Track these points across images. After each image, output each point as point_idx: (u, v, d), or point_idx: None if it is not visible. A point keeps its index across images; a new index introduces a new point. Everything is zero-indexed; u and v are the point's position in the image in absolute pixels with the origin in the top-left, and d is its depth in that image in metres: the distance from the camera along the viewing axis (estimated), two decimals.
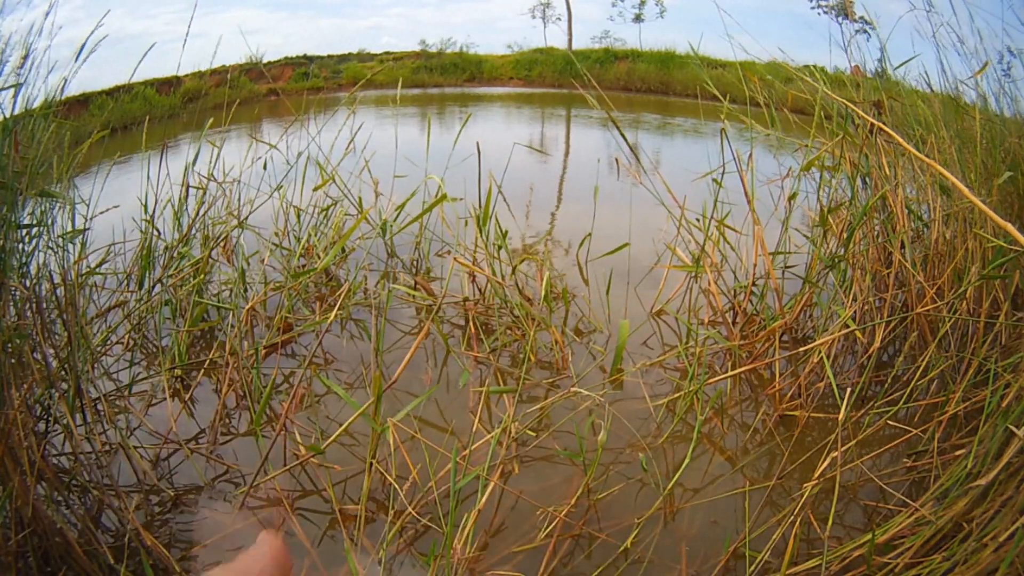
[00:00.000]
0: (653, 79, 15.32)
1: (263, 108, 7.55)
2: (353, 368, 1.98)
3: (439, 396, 1.82)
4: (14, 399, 1.07)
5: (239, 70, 4.17)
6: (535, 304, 2.14)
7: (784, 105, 2.33)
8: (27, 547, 1.02)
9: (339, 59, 17.68)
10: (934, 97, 2.22)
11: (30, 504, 1.00)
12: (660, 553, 1.24)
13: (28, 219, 1.74)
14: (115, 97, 7.06)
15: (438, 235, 2.77)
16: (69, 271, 1.68)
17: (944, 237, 1.93)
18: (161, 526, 1.31)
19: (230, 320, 1.90)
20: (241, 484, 1.40)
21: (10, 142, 1.40)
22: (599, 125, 8.56)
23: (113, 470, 1.39)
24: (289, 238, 2.71)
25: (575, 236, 3.14)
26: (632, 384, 1.85)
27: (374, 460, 1.28)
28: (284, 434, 1.53)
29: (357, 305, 2.36)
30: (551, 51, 18.62)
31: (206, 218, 2.33)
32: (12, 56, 1.60)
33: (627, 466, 1.50)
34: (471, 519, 1.14)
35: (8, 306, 1.33)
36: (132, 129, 4.03)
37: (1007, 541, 0.95)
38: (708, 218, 2.26)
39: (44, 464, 1.12)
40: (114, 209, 2.13)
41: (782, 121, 2.25)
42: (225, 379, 1.73)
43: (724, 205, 2.24)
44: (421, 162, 2.57)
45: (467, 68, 17.79)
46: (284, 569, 0.21)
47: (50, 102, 1.80)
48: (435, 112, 9.81)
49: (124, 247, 2.35)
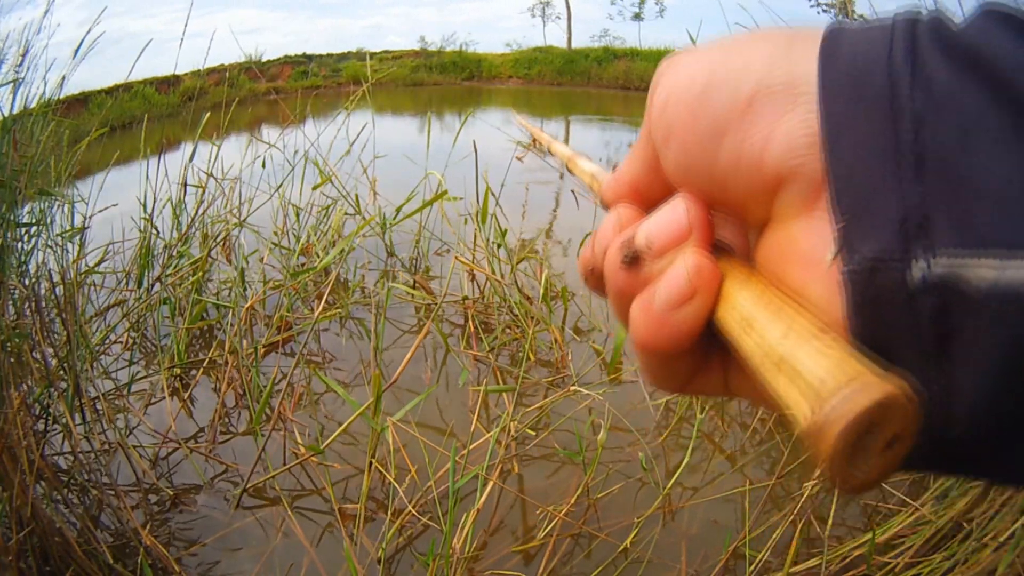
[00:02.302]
0: (652, 78, 15.33)
1: (262, 107, 7.55)
2: (352, 367, 1.98)
3: (438, 395, 1.82)
4: (13, 398, 1.07)
5: (238, 69, 4.16)
6: (534, 303, 2.14)
7: None
8: (26, 546, 1.02)
9: (338, 58, 17.69)
10: None
11: (29, 503, 1.00)
12: (660, 552, 1.24)
13: (27, 218, 1.74)
14: (114, 96, 7.05)
15: (437, 234, 2.77)
16: (68, 270, 1.68)
17: None
18: (160, 525, 1.30)
19: (229, 319, 1.90)
20: (240, 483, 1.40)
21: (9, 140, 1.40)
22: (598, 124, 8.56)
23: (112, 469, 1.39)
24: (288, 237, 2.70)
25: (575, 235, 3.14)
26: (632, 383, 1.85)
27: (373, 459, 1.28)
28: (284, 433, 1.53)
29: (356, 304, 2.36)
30: (550, 50, 18.62)
31: (205, 217, 2.32)
32: (10, 54, 1.60)
33: (627, 465, 1.50)
34: (470, 518, 1.14)
35: (7, 305, 1.33)
36: (132, 128, 4.03)
37: (1007, 541, 0.95)
38: None
39: (43, 463, 1.12)
40: (113, 207, 2.13)
41: None
42: (224, 378, 1.73)
43: None
44: (421, 160, 2.56)
45: (466, 67, 17.79)
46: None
47: (49, 101, 1.80)
48: (435, 112, 9.81)
49: (123, 246, 2.34)
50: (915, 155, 0.13)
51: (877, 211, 0.14)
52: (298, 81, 14.97)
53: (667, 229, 0.18)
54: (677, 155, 0.18)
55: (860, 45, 0.15)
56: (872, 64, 0.15)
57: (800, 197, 0.16)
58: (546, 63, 17.18)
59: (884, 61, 0.15)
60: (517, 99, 13.91)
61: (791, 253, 0.16)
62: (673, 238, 0.18)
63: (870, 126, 0.14)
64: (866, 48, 0.15)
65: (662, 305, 0.17)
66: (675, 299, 0.17)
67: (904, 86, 0.14)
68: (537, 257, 2.59)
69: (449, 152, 2.41)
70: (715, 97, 0.17)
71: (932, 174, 0.13)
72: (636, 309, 0.18)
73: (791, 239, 0.16)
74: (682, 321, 0.17)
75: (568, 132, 8.25)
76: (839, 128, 0.15)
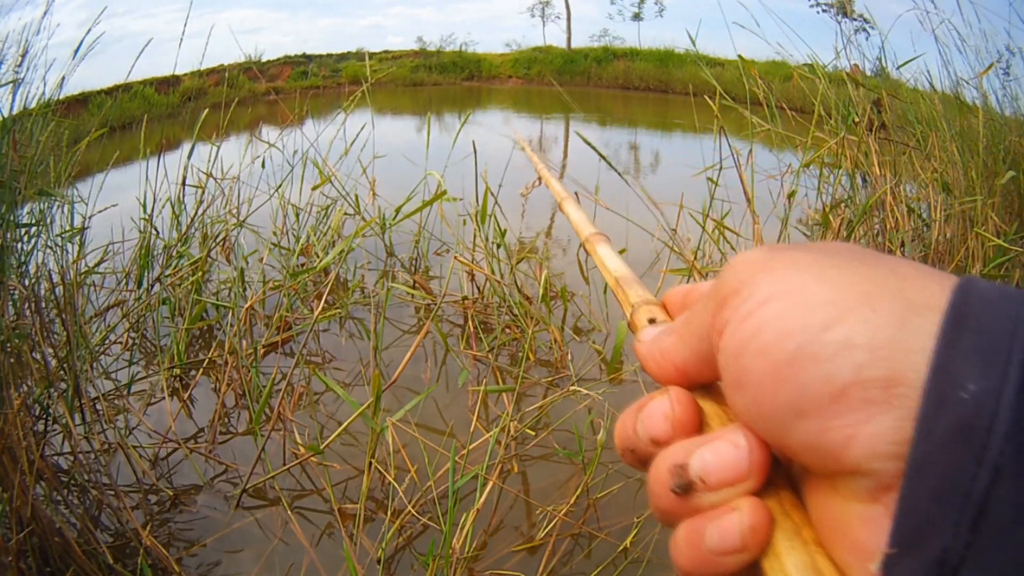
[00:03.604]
0: (652, 77, 15.32)
1: (262, 107, 7.55)
2: (352, 367, 1.98)
3: (438, 395, 1.82)
4: (13, 399, 1.07)
5: (238, 69, 4.16)
6: (534, 303, 2.14)
7: (783, 102, 2.33)
8: (26, 547, 1.02)
9: (338, 58, 17.68)
10: (934, 95, 2.21)
11: (29, 504, 1.00)
12: (660, 552, 1.24)
13: (27, 218, 1.74)
14: (114, 96, 7.04)
15: (436, 234, 2.77)
16: (68, 270, 1.68)
17: (944, 236, 1.93)
18: (160, 525, 1.30)
19: (229, 319, 1.90)
20: (240, 483, 1.40)
21: (8, 141, 1.40)
22: (597, 123, 8.56)
23: (112, 469, 1.39)
24: (288, 237, 2.70)
25: (575, 235, 3.13)
26: (631, 383, 1.85)
27: (373, 459, 1.28)
28: (283, 433, 1.53)
29: (356, 304, 2.36)
30: (550, 49, 18.62)
31: (205, 217, 2.32)
32: (10, 54, 1.60)
33: (626, 465, 1.49)
34: (470, 518, 1.14)
35: (7, 305, 1.33)
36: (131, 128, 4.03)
37: None
38: (706, 216, 2.26)
39: (43, 464, 1.12)
40: (113, 208, 2.13)
41: (781, 118, 2.25)
42: (224, 378, 1.73)
43: (723, 204, 2.24)
44: (420, 161, 2.56)
45: (466, 67, 17.79)
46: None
47: (49, 101, 1.80)
48: (434, 112, 9.81)
49: (123, 246, 2.34)
50: (979, 508, 0.14)
51: (925, 546, 0.14)
52: (297, 81, 14.96)
53: (726, 467, 0.18)
54: (746, 404, 0.18)
55: (974, 366, 0.14)
56: (982, 396, 0.14)
57: (869, 490, 0.15)
58: (546, 63, 17.17)
59: (993, 400, 0.14)
60: (517, 99, 13.91)
61: (845, 533, 0.16)
62: (730, 478, 0.18)
63: (952, 460, 0.14)
64: (980, 370, 0.14)
65: (712, 549, 0.17)
66: (725, 549, 0.17)
67: (997, 437, 0.14)
68: (536, 257, 2.59)
69: (448, 152, 2.41)
70: (805, 375, 0.16)
71: (986, 529, 0.14)
72: (683, 539, 0.18)
73: (848, 521, 0.16)
74: (727, 565, 0.17)
75: (567, 131, 8.26)
76: (925, 459, 0.14)
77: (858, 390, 0.15)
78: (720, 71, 2.63)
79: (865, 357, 0.15)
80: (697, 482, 0.18)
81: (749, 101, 2.30)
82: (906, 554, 0.15)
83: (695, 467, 0.18)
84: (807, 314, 0.16)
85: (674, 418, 0.20)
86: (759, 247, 0.19)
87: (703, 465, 0.18)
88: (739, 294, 0.18)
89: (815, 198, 2.47)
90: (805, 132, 2.18)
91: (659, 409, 0.20)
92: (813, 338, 0.16)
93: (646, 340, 0.23)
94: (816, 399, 0.16)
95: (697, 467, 0.18)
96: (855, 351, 0.15)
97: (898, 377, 0.15)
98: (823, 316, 0.16)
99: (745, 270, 0.18)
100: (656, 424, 0.20)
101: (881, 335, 0.15)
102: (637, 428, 0.21)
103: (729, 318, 0.18)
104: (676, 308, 0.25)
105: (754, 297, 0.17)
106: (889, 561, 0.15)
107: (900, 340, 0.15)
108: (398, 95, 14.25)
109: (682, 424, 0.20)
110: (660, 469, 0.19)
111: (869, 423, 0.15)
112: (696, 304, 0.21)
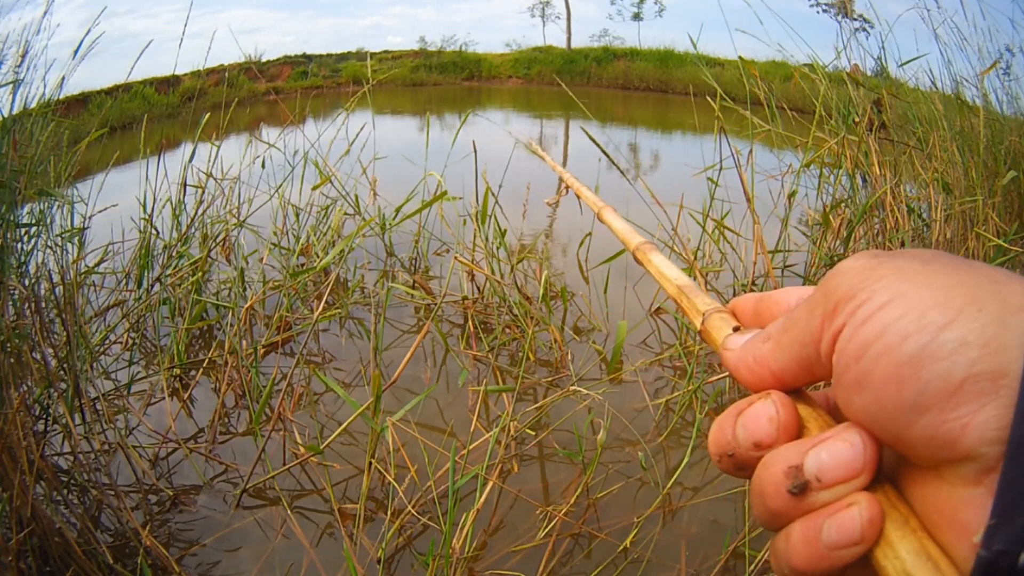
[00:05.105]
0: (652, 77, 15.32)
1: (262, 108, 7.55)
2: (352, 367, 1.98)
3: (438, 395, 1.82)
4: (13, 399, 1.07)
5: (238, 69, 4.16)
6: (534, 303, 2.14)
7: (783, 102, 2.33)
8: (26, 547, 1.02)
9: (338, 58, 17.67)
10: (935, 95, 2.21)
11: (29, 504, 1.00)
12: (660, 552, 1.24)
13: (27, 218, 1.74)
14: (114, 96, 7.05)
15: (436, 234, 2.77)
16: (68, 270, 1.68)
17: (944, 236, 1.93)
18: (160, 526, 1.30)
19: (229, 319, 1.90)
20: (240, 483, 1.40)
21: (8, 141, 1.40)
22: (597, 123, 8.55)
23: (112, 469, 1.39)
24: (288, 237, 2.70)
25: (575, 234, 3.13)
26: (631, 383, 1.85)
27: (373, 459, 1.28)
28: (283, 433, 1.53)
29: (356, 304, 2.36)
30: (550, 49, 18.62)
31: (205, 217, 2.32)
32: (10, 54, 1.60)
33: (626, 465, 1.50)
34: (470, 518, 1.14)
35: (7, 305, 1.33)
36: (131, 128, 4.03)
37: None
38: (706, 215, 2.26)
39: (43, 464, 1.12)
40: (112, 208, 2.13)
41: (782, 119, 2.25)
42: (224, 378, 1.73)
43: (724, 204, 2.24)
44: (420, 161, 2.56)
45: (466, 67, 17.78)
46: None
47: (49, 101, 1.80)
48: (434, 112, 9.81)
49: (123, 246, 2.34)
50: None
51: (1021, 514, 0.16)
52: (298, 81, 14.96)
53: (841, 466, 0.19)
54: (866, 404, 0.19)
55: None
56: None
57: (974, 473, 0.17)
58: (546, 63, 17.17)
59: None
60: (517, 99, 13.90)
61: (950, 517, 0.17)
62: (845, 475, 0.19)
63: None
64: None
65: (830, 544, 0.18)
66: (844, 543, 0.18)
67: None
68: (537, 257, 2.59)
69: (448, 152, 2.40)
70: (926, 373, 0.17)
71: None
72: (798, 538, 0.19)
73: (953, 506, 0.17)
74: (843, 558, 0.18)
75: (567, 131, 8.26)
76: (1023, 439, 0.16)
77: (972, 383, 0.17)
78: (720, 71, 2.63)
79: (977, 354, 0.17)
80: (813, 481, 0.19)
81: (749, 101, 2.29)
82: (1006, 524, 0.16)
83: (811, 467, 0.19)
84: (922, 316, 0.18)
85: (779, 422, 0.21)
86: (861, 254, 0.20)
87: (819, 464, 0.19)
88: (854, 299, 0.19)
89: (815, 198, 2.48)
90: (805, 132, 2.18)
91: (763, 413, 0.21)
92: (932, 338, 0.17)
93: (736, 348, 0.23)
94: (936, 394, 0.17)
95: (813, 467, 0.19)
96: (969, 349, 0.17)
97: (1003, 370, 0.16)
98: (938, 318, 0.17)
99: (856, 276, 0.19)
100: (761, 428, 0.21)
101: (987, 333, 0.17)
102: (738, 433, 0.21)
103: (846, 322, 0.19)
104: (747, 316, 0.26)
105: (871, 301, 0.19)
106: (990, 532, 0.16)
107: (1002, 337, 0.17)
108: (398, 95, 14.24)
109: (786, 427, 0.21)
110: (774, 471, 0.20)
111: (980, 412, 0.16)
112: (795, 310, 0.21)
